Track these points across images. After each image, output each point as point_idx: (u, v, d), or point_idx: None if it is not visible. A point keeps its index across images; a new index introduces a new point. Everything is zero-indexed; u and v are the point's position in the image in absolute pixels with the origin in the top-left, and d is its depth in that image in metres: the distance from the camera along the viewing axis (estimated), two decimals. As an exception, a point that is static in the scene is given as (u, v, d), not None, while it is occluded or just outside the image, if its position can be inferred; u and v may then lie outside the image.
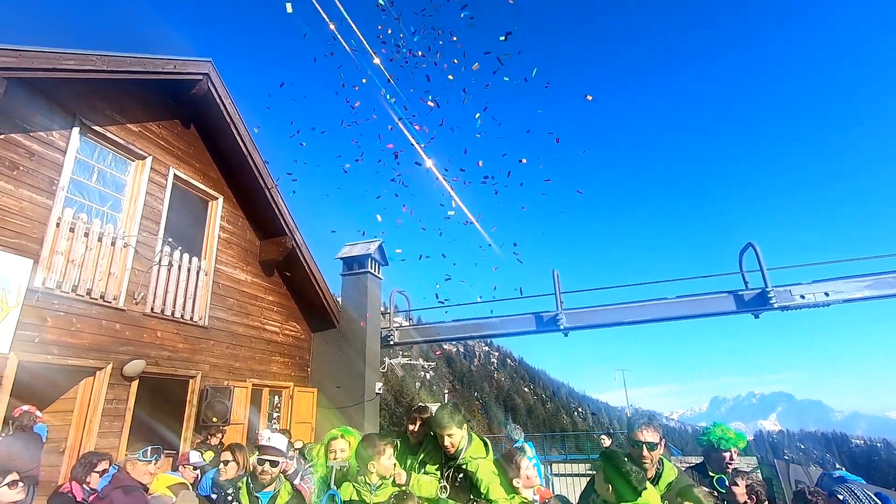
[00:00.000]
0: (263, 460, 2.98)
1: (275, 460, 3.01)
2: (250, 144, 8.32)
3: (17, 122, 5.55)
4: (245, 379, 8.18)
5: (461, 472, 2.85)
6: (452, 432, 2.89)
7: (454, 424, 2.90)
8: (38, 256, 5.52)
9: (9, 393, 5.08)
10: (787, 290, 8.39)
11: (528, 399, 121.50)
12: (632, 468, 2.51)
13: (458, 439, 2.90)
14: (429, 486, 2.84)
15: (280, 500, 3.02)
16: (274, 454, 3.01)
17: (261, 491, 3.03)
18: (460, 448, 2.90)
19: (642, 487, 2.48)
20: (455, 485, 2.84)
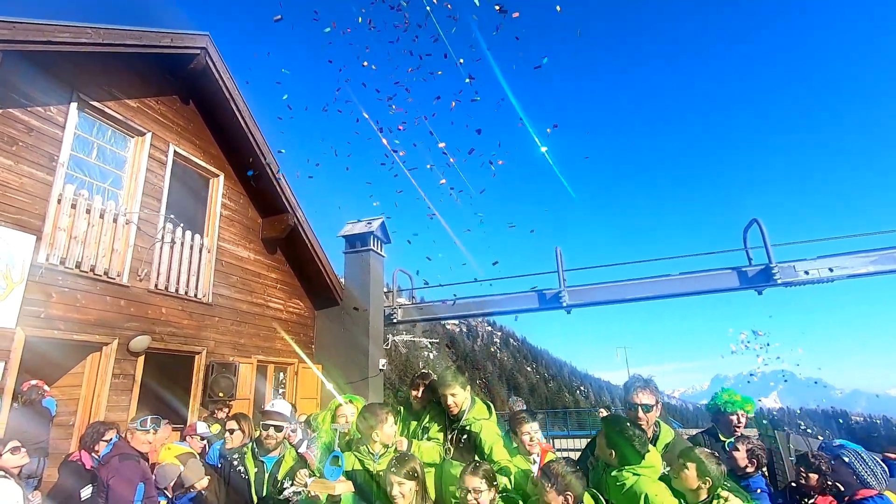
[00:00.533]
0: (268, 425, 3.03)
1: (279, 425, 3.06)
2: (250, 121, 8.24)
3: (15, 96, 5.49)
4: (250, 355, 8.26)
5: (464, 434, 2.89)
6: (455, 392, 2.93)
7: (457, 384, 2.94)
8: (41, 233, 5.53)
9: (17, 367, 5.14)
10: (790, 266, 8.34)
11: (530, 378, 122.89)
12: (635, 432, 2.53)
13: (461, 399, 2.94)
14: (430, 451, 2.88)
15: (285, 464, 3.08)
16: (278, 419, 3.05)
17: (266, 456, 3.09)
18: (463, 409, 2.94)
19: (645, 451, 2.50)
20: (459, 446, 2.88)
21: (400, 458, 2.47)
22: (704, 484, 2.44)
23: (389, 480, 2.38)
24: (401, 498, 2.36)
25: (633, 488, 2.41)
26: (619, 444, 2.51)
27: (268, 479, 3.08)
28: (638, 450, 2.48)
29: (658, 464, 2.56)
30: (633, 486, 2.42)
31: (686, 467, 2.47)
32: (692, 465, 2.46)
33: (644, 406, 2.87)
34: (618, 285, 9.36)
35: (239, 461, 3.17)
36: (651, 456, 2.54)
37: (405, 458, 2.49)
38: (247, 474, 3.11)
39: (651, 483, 2.43)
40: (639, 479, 2.44)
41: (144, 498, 3.51)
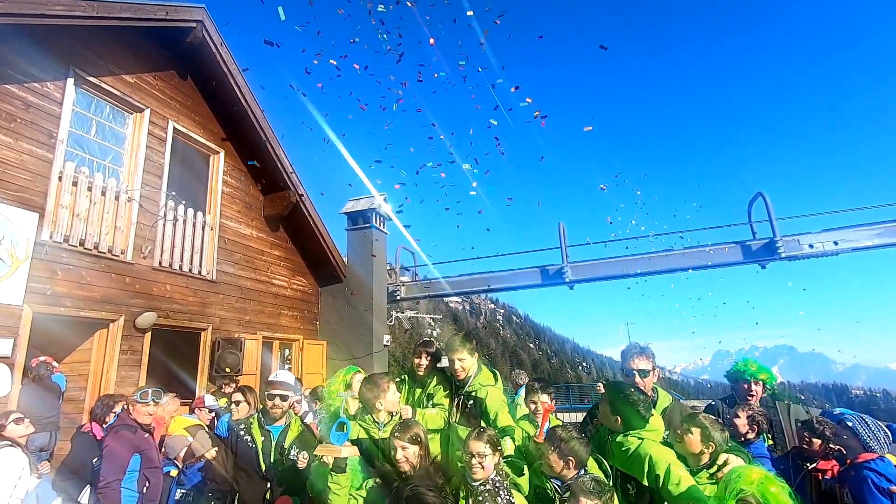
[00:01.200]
0: (273, 395, 3.08)
1: (284, 394, 3.11)
2: (249, 96, 8.13)
3: (11, 72, 5.42)
4: (256, 332, 8.34)
5: (470, 399, 2.93)
6: (463, 357, 2.97)
7: (465, 350, 2.97)
8: (43, 210, 5.53)
9: (26, 344, 5.21)
10: (795, 240, 8.30)
11: (533, 354, 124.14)
12: (639, 397, 2.55)
13: (468, 364, 2.98)
14: (434, 418, 2.93)
15: (291, 433, 3.13)
16: (283, 388, 3.10)
17: (271, 425, 3.15)
18: (469, 374, 2.98)
19: (649, 415, 2.52)
20: (465, 411, 2.92)
21: (403, 424, 2.51)
22: (707, 448, 2.48)
23: (393, 445, 2.43)
24: (404, 462, 2.41)
25: (638, 452, 2.44)
26: (623, 409, 2.54)
27: (275, 448, 3.15)
28: (643, 414, 2.51)
29: (661, 427, 2.59)
30: (638, 449, 2.45)
31: (690, 432, 2.51)
32: (696, 431, 2.50)
33: (641, 371, 2.95)
34: (620, 260, 9.36)
35: (245, 431, 3.22)
36: (654, 420, 2.57)
37: (408, 423, 2.53)
38: (254, 443, 3.17)
39: (656, 446, 2.46)
40: (643, 443, 2.46)
41: (143, 469, 3.54)
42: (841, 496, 2.84)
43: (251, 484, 3.09)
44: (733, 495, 2.07)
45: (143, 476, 3.53)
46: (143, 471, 3.54)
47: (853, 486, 2.72)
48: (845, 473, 2.86)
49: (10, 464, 3.59)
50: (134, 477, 3.49)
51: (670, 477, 2.31)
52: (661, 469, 2.33)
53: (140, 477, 3.51)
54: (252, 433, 3.19)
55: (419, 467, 2.43)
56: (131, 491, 3.44)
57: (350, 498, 2.49)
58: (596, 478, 2.22)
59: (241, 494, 3.08)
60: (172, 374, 7.25)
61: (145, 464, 3.55)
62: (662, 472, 2.32)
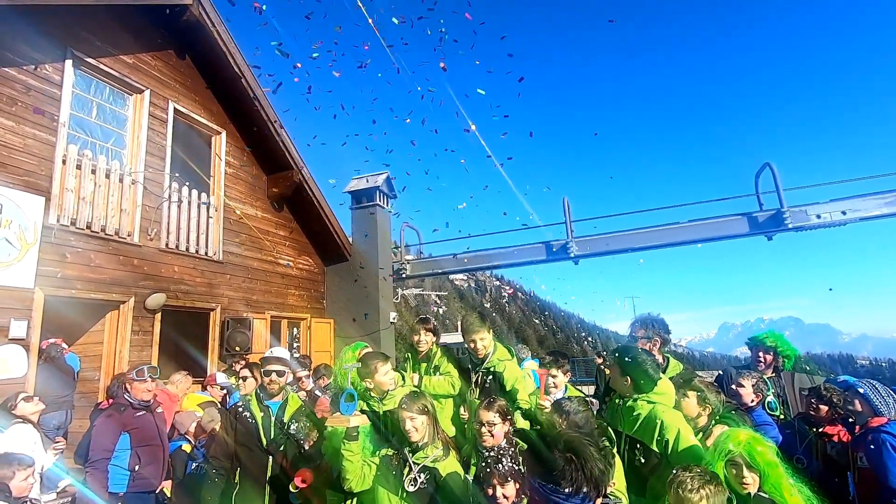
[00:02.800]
0: (269, 371, 3.13)
1: (280, 370, 3.16)
2: (249, 75, 8.03)
3: (9, 54, 5.38)
4: (263, 311, 8.44)
5: (490, 375, 3.01)
6: (483, 335, 3.05)
7: (484, 329, 3.05)
8: (49, 194, 5.56)
9: (39, 326, 5.31)
10: (802, 210, 8.22)
11: (539, 330, 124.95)
12: (647, 357, 2.59)
13: (488, 342, 3.06)
14: (441, 384, 3.02)
15: (289, 408, 3.20)
16: (278, 364, 3.15)
17: (269, 401, 3.21)
18: (488, 352, 3.06)
19: (658, 375, 2.56)
20: (484, 387, 3.00)
21: (411, 395, 2.57)
22: (704, 411, 2.55)
23: (402, 416, 2.49)
24: (414, 432, 2.47)
25: (649, 416, 2.48)
26: (632, 370, 2.57)
27: (274, 423, 3.19)
28: (651, 374, 2.54)
29: (671, 392, 2.63)
30: (649, 414, 2.49)
31: (686, 396, 2.58)
32: (692, 394, 2.58)
33: (641, 337, 3.05)
34: (626, 234, 9.32)
35: (245, 408, 3.26)
36: (664, 384, 2.61)
37: (416, 394, 2.60)
38: (253, 419, 3.19)
39: (667, 410, 2.50)
40: (654, 408, 2.50)
41: (134, 447, 3.55)
42: (854, 460, 2.89)
43: (253, 458, 3.13)
44: (722, 455, 2.13)
45: (136, 454, 3.55)
46: (134, 449, 3.56)
47: (870, 449, 2.77)
48: (860, 438, 2.89)
49: (22, 438, 3.74)
50: (125, 455, 3.53)
51: (680, 441, 2.35)
52: (672, 434, 2.37)
53: (132, 455, 3.54)
54: (251, 409, 3.23)
55: (428, 436, 2.50)
56: (122, 469, 3.49)
57: (364, 464, 2.57)
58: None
59: (244, 469, 3.14)
60: (184, 353, 7.38)
61: (136, 442, 3.56)
62: (672, 437, 2.37)
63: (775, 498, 2.09)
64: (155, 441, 3.73)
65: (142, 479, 3.55)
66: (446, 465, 2.48)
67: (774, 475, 2.09)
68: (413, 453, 2.49)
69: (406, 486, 2.41)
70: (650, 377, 2.53)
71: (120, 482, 3.49)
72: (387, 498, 2.46)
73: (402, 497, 2.42)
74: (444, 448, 2.52)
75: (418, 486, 2.40)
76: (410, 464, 2.46)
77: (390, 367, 2.97)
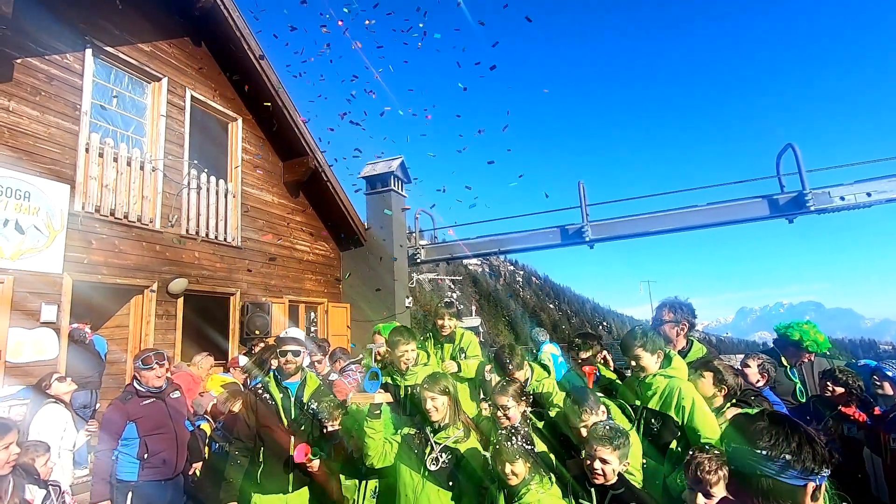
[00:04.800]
0: (285, 351, 3.18)
1: (296, 350, 3.21)
2: (264, 62, 8.06)
3: (31, 45, 5.48)
4: (282, 295, 8.59)
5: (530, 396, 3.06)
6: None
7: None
8: (74, 182, 5.70)
9: (69, 309, 5.50)
10: (825, 192, 8.04)
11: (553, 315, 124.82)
12: (638, 331, 2.76)
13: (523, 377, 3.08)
14: (474, 367, 3.11)
15: (308, 388, 3.27)
16: (294, 344, 3.20)
17: (287, 381, 3.27)
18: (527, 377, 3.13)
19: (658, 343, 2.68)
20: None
21: (432, 376, 2.64)
22: (720, 392, 2.59)
23: (423, 396, 2.56)
24: (434, 412, 2.54)
25: (667, 388, 2.57)
26: (628, 347, 2.68)
27: (294, 403, 3.25)
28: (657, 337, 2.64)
29: (684, 369, 2.69)
30: (666, 387, 2.58)
31: (702, 376, 2.63)
32: (708, 375, 2.63)
33: (657, 321, 3.19)
34: (642, 218, 9.23)
35: (264, 389, 3.31)
36: (676, 360, 2.67)
37: (437, 376, 2.66)
38: (273, 400, 3.24)
39: (682, 382, 2.58)
40: (671, 380, 2.58)
41: (142, 436, 3.50)
42: (887, 442, 2.89)
43: (275, 438, 3.20)
44: None
45: (144, 443, 3.49)
46: (142, 438, 3.49)
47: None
48: (893, 421, 2.88)
49: (56, 418, 3.90)
50: (134, 444, 3.48)
51: (695, 410, 2.43)
52: (688, 402, 2.46)
53: (140, 444, 3.48)
54: (270, 391, 3.29)
55: (449, 417, 2.57)
56: (132, 457, 3.47)
57: (385, 442, 2.64)
58: (611, 424, 2.29)
59: (266, 449, 3.21)
60: (206, 336, 7.57)
61: (144, 431, 3.51)
62: (688, 405, 2.45)
63: None
64: (165, 429, 3.63)
65: (152, 467, 3.51)
66: (468, 446, 2.55)
67: None
68: (435, 433, 2.56)
69: (428, 464, 2.48)
70: (656, 341, 2.64)
71: (130, 470, 3.47)
72: (409, 475, 2.54)
73: (424, 475, 2.49)
74: (466, 430, 2.59)
75: (440, 465, 2.47)
76: (432, 443, 2.53)
77: (415, 345, 3.05)
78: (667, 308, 3.18)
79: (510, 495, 2.25)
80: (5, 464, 2.17)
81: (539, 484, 2.23)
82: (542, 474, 2.28)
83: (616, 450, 2.15)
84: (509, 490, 2.25)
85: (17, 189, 5.12)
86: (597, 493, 2.21)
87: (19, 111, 5.29)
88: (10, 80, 5.25)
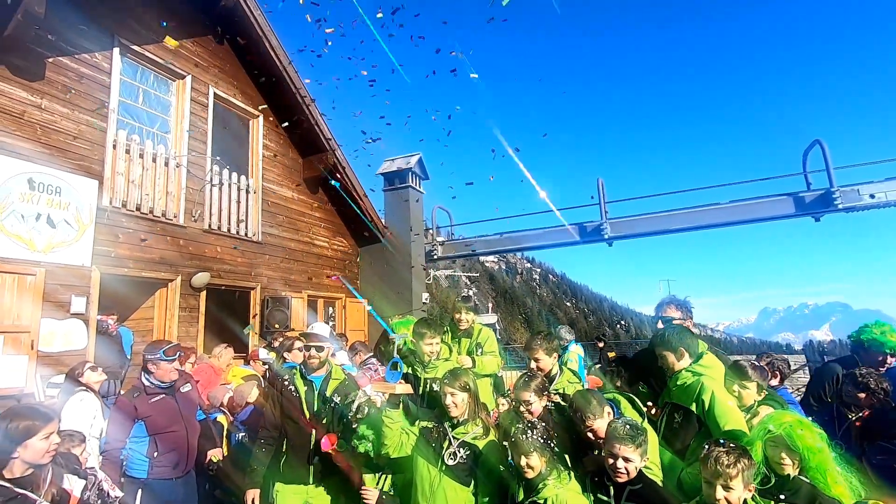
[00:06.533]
0: (310, 346, 3.26)
1: (320, 345, 3.28)
2: (285, 59, 8.16)
3: (62, 44, 5.64)
4: (301, 290, 8.72)
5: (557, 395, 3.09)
6: (539, 356, 3.12)
7: (541, 349, 3.15)
8: (102, 177, 5.86)
9: (97, 301, 5.67)
10: (854, 190, 7.82)
11: (570, 313, 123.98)
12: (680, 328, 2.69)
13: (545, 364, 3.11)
14: (491, 363, 3.13)
15: (332, 382, 3.33)
16: (318, 340, 3.27)
17: (312, 375, 3.34)
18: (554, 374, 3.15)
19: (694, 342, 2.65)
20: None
21: (453, 372, 2.66)
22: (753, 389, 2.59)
23: (444, 391, 2.58)
24: (454, 407, 2.56)
25: (692, 385, 2.55)
26: (677, 341, 2.66)
27: (317, 397, 3.32)
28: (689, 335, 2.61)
29: (717, 365, 2.67)
30: (692, 383, 2.56)
31: (747, 387, 2.62)
32: (752, 385, 2.62)
33: (663, 318, 3.12)
34: (663, 216, 9.10)
35: (289, 382, 3.39)
36: (710, 359, 2.65)
37: (458, 372, 2.68)
38: (297, 392, 3.31)
39: (710, 381, 2.55)
40: (699, 378, 2.56)
41: (151, 434, 3.45)
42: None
43: (298, 430, 3.27)
44: (762, 435, 2.16)
45: (153, 441, 3.45)
46: (152, 436, 3.46)
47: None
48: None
49: (87, 406, 4.02)
50: (143, 442, 3.45)
51: (716, 403, 2.42)
52: (707, 395, 2.45)
53: (150, 442, 3.45)
54: (295, 383, 3.36)
55: (468, 413, 2.59)
56: (141, 455, 3.44)
57: (402, 433, 2.68)
58: (630, 422, 2.29)
59: (290, 440, 3.28)
60: (228, 329, 7.73)
61: (153, 430, 3.47)
62: (708, 398, 2.44)
63: (817, 483, 2.08)
64: (174, 427, 3.56)
65: (162, 466, 3.47)
66: (486, 443, 2.57)
67: (817, 460, 2.08)
68: (453, 428, 2.59)
69: (446, 459, 2.51)
70: (689, 339, 2.62)
71: (140, 468, 3.45)
72: (426, 469, 2.57)
73: (442, 469, 2.52)
74: (485, 427, 2.61)
75: (458, 460, 2.50)
76: (450, 438, 2.55)
77: (439, 339, 3.09)
78: (673, 306, 3.18)
79: (528, 488, 2.27)
80: (46, 453, 2.18)
81: (557, 479, 2.24)
82: (559, 469, 2.29)
83: (637, 448, 2.18)
84: (527, 483, 2.27)
85: (49, 184, 5.30)
86: (614, 487, 2.22)
87: (51, 109, 5.46)
88: (42, 78, 5.42)
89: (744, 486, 1.95)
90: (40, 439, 2.14)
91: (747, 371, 2.63)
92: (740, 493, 1.95)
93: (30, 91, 5.30)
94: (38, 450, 2.13)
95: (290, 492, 3.20)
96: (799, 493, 2.07)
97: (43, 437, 2.15)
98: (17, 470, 2.09)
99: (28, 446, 2.10)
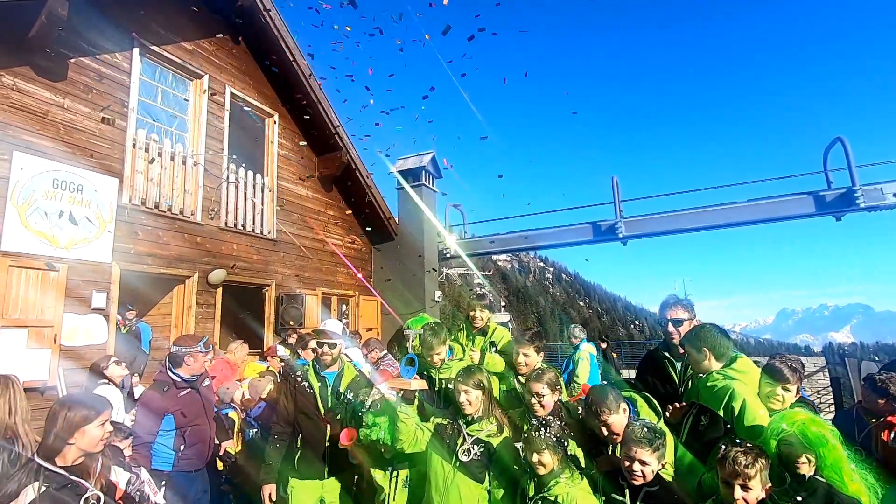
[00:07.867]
0: (322, 343, 3.29)
1: (332, 342, 3.31)
2: (300, 58, 8.23)
3: (84, 44, 5.76)
4: (315, 288, 8.79)
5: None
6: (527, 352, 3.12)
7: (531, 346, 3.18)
8: (122, 176, 5.98)
9: (117, 297, 5.79)
10: (877, 189, 7.65)
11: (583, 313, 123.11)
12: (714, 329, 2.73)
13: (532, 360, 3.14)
14: (500, 363, 3.12)
15: (345, 378, 3.36)
16: (330, 337, 3.30)
17: (325, 371, 3.38)
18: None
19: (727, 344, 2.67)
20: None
21: (467, 370, 2.67)
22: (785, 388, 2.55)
23: (458, 389, 2.60)
24: (468, 405, 2.58)
25: (722, 389, 2.52)
26: (708, 342, 2.64)
27: (331, 392, 3.35)
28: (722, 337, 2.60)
29: (751, 371, 2.62)
30: (723, 387, 2.53)
31: (788, 390, 2.57)
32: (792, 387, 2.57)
33: (674, 321, 3.06)
34: (679, 214, 8.99)
35: (303, 378, 3.43)
36: (745, 363, 2.61)
37: (472, 369, 2.69)
38: (311, 388, 3.35)
39: (742, 387, 2.51)
40: (729, 383, 2.53)
41: (178, 427, 3.44)
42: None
43: (313, 426, 3.31)
44: (775, 434, 2.13)
45: (180, 435, 3.47)
46: (179, 430, 3.46)
47: None
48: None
49: (111, 399, 4.10)
50: (171, 436, 3.46)
51: (746, 410, 2.38)
52: (738, 402, 2.41)
53: (177, 435, 3.46)
54: (309, 379, 3.40)
55: (482, 411, 2.60)
56: (168, 448, 3.45)
57: (417, 428, 2.69)
58: (648, 425, 2.27)
59: (304, 435, 3.31)
60: (243, 325, 7.83)
61: (180, 423, 3.48)
62: (738, 405, 2.40)
63: (833, 482, 2.05)
64: (199, 420, 3.60)
65: (187, 459, 3.49)
66: (500, 440, 2.57)
67: (832, 458, 2.05)
68: (467, 425, 2.60)
69: (459, 455, 2.52)
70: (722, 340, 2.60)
71: (166, 461, 3.45)
72: (440, 465, 2.58)
73: (456, 465, 2.53)
74: (499, 424, 2.61)
75: (472, 457, 2.51)
76: (465, 435, 2.56)
77: (447, 346, 3.10)
78: (681, 307, 3.14)
79: (539, 485, 2.27)
80: (100, 441, 2.18)
81: (569, 478, 2.24)
82: (571, 468, 2.29)
83: (655, 451, 2.16)
84: (539, 480, 2.28)
85: (71, 182, 5.42)
86: (629, 488, 2.21)
87: (73, 108, 5.58)
88: (64, 78, 5.54)
89: (761, 487, 1.94)
90: (96, 426, 2.15)
91: (786, 373, 2.55)
92: (758, 493, 1.94)
93: (53, 91, 5.42)
94: (94, 437, 2.15)
95: (304, 487, 3.23)
96: (816, 493, 2.04)
97: (98, 425, 2.16)
98: (71, 457, 2.10)
99: (85, 433, 2.12)
